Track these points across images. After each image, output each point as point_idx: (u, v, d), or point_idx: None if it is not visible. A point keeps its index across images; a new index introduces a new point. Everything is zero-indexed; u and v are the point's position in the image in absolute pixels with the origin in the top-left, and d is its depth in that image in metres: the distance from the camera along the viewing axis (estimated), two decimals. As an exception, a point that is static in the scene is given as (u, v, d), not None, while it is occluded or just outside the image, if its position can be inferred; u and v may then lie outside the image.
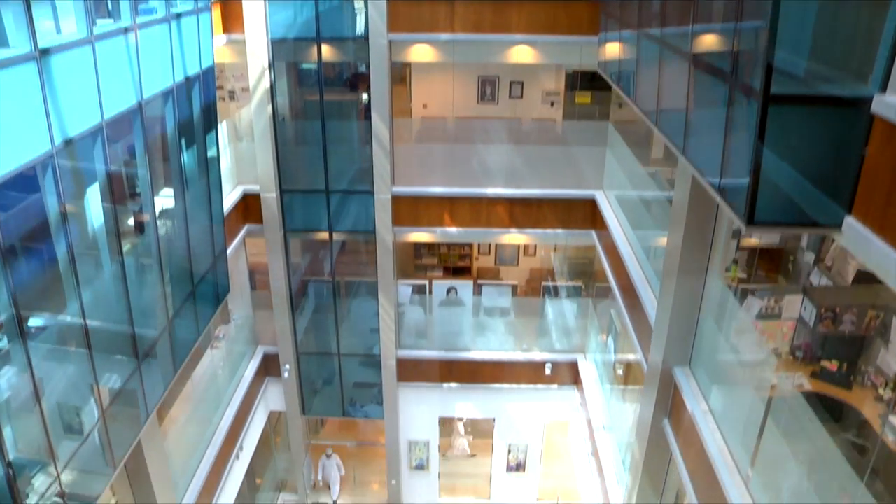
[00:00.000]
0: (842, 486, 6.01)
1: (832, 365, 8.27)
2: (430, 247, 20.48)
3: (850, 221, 4.65)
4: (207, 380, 14.46)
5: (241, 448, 15.12)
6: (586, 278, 17.04)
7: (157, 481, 10.78)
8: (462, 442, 18.59)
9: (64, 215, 7.27)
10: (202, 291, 11.28)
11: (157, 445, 10.80)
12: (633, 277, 11.37)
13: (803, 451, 6.62)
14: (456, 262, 20.49)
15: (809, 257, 9.71)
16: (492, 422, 17.67)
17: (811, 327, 8.09)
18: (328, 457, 18.31)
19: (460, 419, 18.29)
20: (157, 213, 9.73)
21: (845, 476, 5.93)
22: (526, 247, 20.36)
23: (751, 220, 5.06)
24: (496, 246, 20.56)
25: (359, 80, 14.98)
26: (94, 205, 8.26)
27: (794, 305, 8.52)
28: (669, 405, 9.54)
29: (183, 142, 10.64)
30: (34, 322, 7.23)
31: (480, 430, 18.63)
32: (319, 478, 18.57)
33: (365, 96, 14.38)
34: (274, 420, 18.77)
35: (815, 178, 4.90)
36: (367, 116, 14.07)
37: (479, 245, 20.55)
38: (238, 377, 15.57)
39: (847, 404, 7.85)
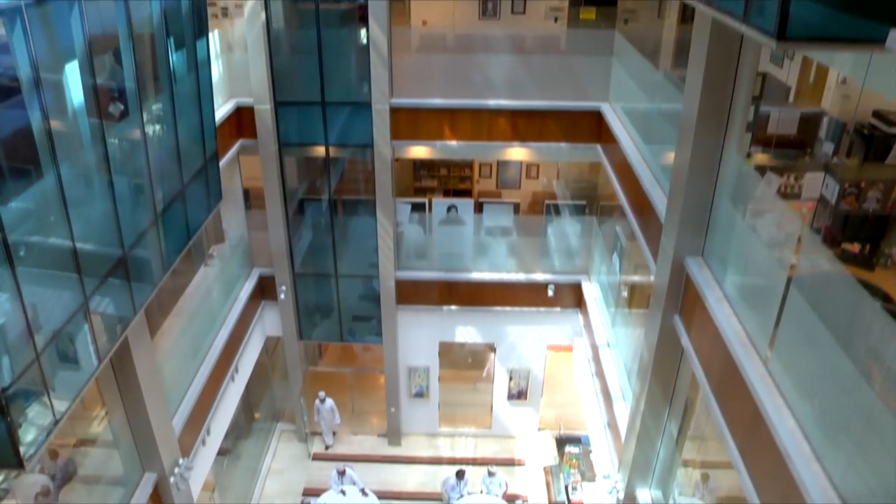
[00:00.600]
0: (870, 351, 5.63)
1: (854, 247, 7.88)
2: (429, 168, 19.98)
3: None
4: (201, 297, 14.08)
5: (236, 370, 14.79)
6: (590, 201, 16.57)
7: (147, 391, 10.45)
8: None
9: (38, 83, 6.78)
10: (193, 193, 10.80)
11: (146, 353, 10.43)
12: (642, 180, 10.90)
13: (828, 324, 6.20)
14: (456, 185, 20.02)
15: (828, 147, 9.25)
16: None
17: (833, 205, 7.67)
18: (322, 401, 17.62)
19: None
20: (141, 103, 9.21)
21: (875, 340, 5.55)
22: (528, 168, 19.85)
23: (782, 34, 4.55)
24: (498, 167, 20.05)
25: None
26: (72, 81, 7.75)
27: (815, 185, 8.08)
28: (680, 300, 9.14)
29: (170, 36, 10.09)
30: (12, 205, 6.79)
31: (481, 361, 18.38)
32: (316, 419, 18.08)
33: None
34: (271, 350, 18.43)
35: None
36: (365, 25, 13.49)
37: (479, 167, 20.06)
38: (233, 297, 15.17)
39: (870, 284, 7.47)
